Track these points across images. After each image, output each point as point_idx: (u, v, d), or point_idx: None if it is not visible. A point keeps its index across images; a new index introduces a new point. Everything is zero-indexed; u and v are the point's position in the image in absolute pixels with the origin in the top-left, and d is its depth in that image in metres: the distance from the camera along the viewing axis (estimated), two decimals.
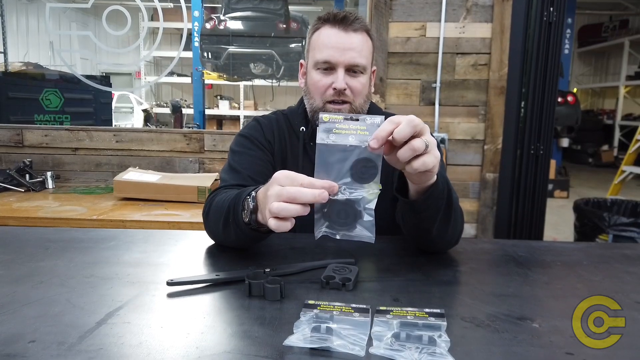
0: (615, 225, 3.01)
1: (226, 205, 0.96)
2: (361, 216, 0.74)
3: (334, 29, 1.14)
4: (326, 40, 1.14)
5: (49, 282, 0.81)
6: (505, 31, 2.37)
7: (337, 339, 0.60)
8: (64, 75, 3.69)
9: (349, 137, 0.72)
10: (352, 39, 1.14)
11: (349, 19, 1.14)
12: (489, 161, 2.47)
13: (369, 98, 1.23)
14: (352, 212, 0.74)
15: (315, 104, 1.19)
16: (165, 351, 0.59)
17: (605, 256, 1.04)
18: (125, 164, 2.47)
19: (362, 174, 0.73)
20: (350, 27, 1.14)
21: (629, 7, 10.23)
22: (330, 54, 1.13)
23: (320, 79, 1.16)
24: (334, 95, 1.15)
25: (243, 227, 0.90)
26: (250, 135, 1.25)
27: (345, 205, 0.74)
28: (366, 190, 0.74)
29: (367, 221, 0.74)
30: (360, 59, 1.14)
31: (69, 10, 9.07)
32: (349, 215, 0.74)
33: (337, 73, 1.14)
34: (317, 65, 1.16)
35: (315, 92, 1.18)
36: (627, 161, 5.11)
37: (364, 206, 0.74)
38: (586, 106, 11.05)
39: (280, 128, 1.28)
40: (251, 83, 9.44)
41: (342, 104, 1.16)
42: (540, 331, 0.67)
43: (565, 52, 7.56)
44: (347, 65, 1.14)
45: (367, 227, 0.74)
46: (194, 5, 6.26)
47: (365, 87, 1.18)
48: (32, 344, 0.60)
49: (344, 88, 1.14)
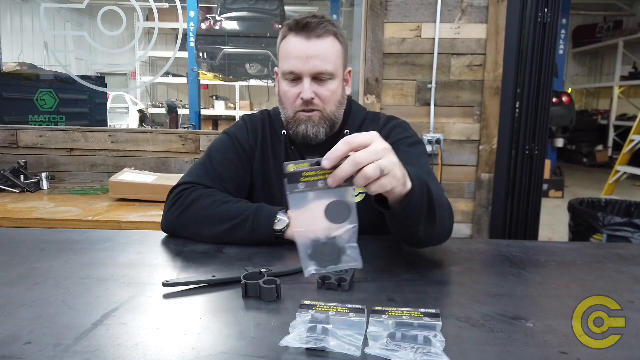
0: (610, 225, 3.02)
1: (239, 211, 1.06)
2: (344, 252, 0.75)
3: (297, 37, 1.13)
4: (290, 49, 1.14)
5: (44, 283, 0.81)
6: (500, 32, 2.38)
7: (333, 339, 0.61)
8: (59, 76, 3.68)
9: (317, 182, 0.73)
10: (316, 46, 1.12)
11: (311, 26, 1.12)
12: (484, 161, 2.48)
13: (342, 102, 1.22)
14: (334, 250, 0.76)
15: (287, 113, 1.20)
16: (161, 352, 0.59)
17: (599, 256, 1.05)
18: (120, 165, 2.47)
19: (337, 215, 0.74)
20: (314, 34, 1.12)
21: (623, 7, 10.29)
22: (294, 64, 1.13)
23: (288, 89, 1.17)
24: (302, 105, 1.16)
25: (269, 235, 1.03)
26: (235, 137, 1.27)
27: (326, 246, 0.75)
28: (344, 228, 0.75)
29: (351, 253, 0.76)
30: (325, 66, 1.13)
31: (63, 10, 9.02)
32: (332, 254, 0.76)
33: (303, 83, 1.14)
34: (284, 76, 1.17)
35: (286, 102, 1.19)
36: (621, 161, 5.14)
37: (345, 244, 0.75)
38: (580, 106, 11.10)
39: (264, 128, 1.29)
40: (247, 83, 9.41)
41: (311, 112, 1.16)
42: (534, 330, 0.67)
43: (560, 52, 7.59)
44: (312, 73, 1.13)
45: (353, 256, 0.76)
46: (189, 5, 6.24)
47: (335, 93, 1.17)
48: (28, 345, 0.60)
49: (311, 98, 1.14)
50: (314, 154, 1.25)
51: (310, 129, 1.17)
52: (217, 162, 1.22)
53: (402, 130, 1.26)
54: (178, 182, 1.18)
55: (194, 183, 1.16)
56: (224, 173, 1.21)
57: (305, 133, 1.18)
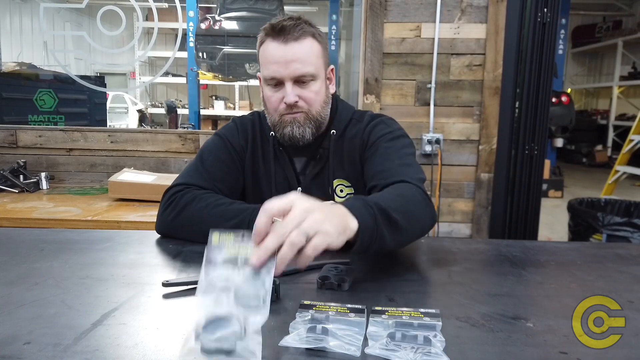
0: (609, 224, 3.03)
1: (235, 213, 1.04)
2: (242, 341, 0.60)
3: (274, 42, 1.13)
4: (269, 55, 1.14)
5: (44, 283, 0.81)
6: (500, 32, 2.38)
7: (333, 339, 0.61)
8: (58, 76, 3.67)
9: (237, 258, 0.65)
10: (294, 50, 1.12)
11: (287, 29, 1.12)
12: (483, 161, 2.48)
13: (327, 102, 1.23)
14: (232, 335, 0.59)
15: (272, 118, 1.21)
16: (160, 352, 0.59)
17: (598, 256, 1.05)
18: (120, 165, 2.46)
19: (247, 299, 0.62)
20: (291, 37, 1.12)
21: (622, 8, 10.30)
22: (274, 70, 1.13)
23: (272, 95, 1.17)
24: (286, 108, 1.16)
25: None
26: (226, 138, 1.27)
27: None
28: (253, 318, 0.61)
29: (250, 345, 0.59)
30: (306, 68, 1.13)
31: (63, 10, 9.02)
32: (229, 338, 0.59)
33: (286, 87, 1.14)
34: (267, 82, 1.17)
35: (270, 107, 1.20)
36: (620, 161, 5.14)
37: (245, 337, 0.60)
38: (580, 106, 11.10)
39: (254, 130, 1.29)
40: (246, 83, 9.40)
41: (296, 114, 1.17)
42: (534, 330, 0.67)
43: (559, 52, 7.59)
44: (293, 77, 1.13)
45: (251, 350, 0.58)
46: (188, 5, 6.24)
47: (319, 94, 1.18)
48: (28, 345, 0.60)
49: (295, 101, 1.14)
50: (302, 155, 1.25)
51: (296, 130, 1.17)
52: (210, 164, 1.22)
53: (384, 126, 1.24)
54: (172, 184, 1.18)
55: (187, 184, 1.16)
56: (217, 174, 1.21)
57: (292, 134, 1.18)
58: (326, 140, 1.24)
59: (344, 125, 1.26)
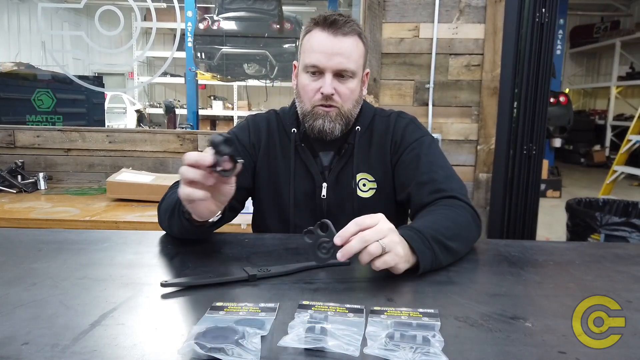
0: (607, 224, 3.03)
1: (175, 197, 1.00)
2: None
3: (323, 33, 1.14)
4: (315, 44, 1.15)
5: (42, 283, 0.81)
6: (498, 32, 2.38)
7: (332, 339, 0.61)
8: (56, 76, 3.67)
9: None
10: (342, 44, 1.13)
11: (338, 23, 1.13)
12: (482, 161, 2.48)
13: (359, 102, 1.23)
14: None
15: (304, 107, 1.20)
16: (159, 353, 0.59)
17: (597, 255, 1.05)
18: (118, 165, 2.46)
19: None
20: (340, 31, 1.13)
21: (620, 8, 10.32)
22: (318, 59, 1.14)
23: (308, 83, 1.17)
24: (321, 99, 1.16)
25: (183, 221, 0.98)
26: (235, 136, 1.27)
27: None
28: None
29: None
30: (349, 64, 1.14)
31: (61, 10, 9.01)
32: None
33: (325, 78, 1.14)
34: (306, 69, 1.17)
35: (305, 95, 1.19)
36: (618, 161, 5.16)
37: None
38: (578, 107, 11.13)
39: (270, 128, 1.29)
40: (245, 83, 9.42)
41: (329, 108, 1.17)
42: (533, 330, 0.67)
43: (558, 52, 7.62)
44: (335, 70, 1.14)
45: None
46: (187, 5, 6.24)
47: (354, 92, 1.18)
48: (26, 346, 0.60)
49: (332, 93, 1.15)
50: (326, 150, 1.25)
51: (327, 125, 1.17)
52: None
53: (415, 127, 1.27)
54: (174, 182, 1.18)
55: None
56: None
57: (322, 128, 1.18)
58: (351, 136, 1.25)
59: (368, 122, 1.27)
